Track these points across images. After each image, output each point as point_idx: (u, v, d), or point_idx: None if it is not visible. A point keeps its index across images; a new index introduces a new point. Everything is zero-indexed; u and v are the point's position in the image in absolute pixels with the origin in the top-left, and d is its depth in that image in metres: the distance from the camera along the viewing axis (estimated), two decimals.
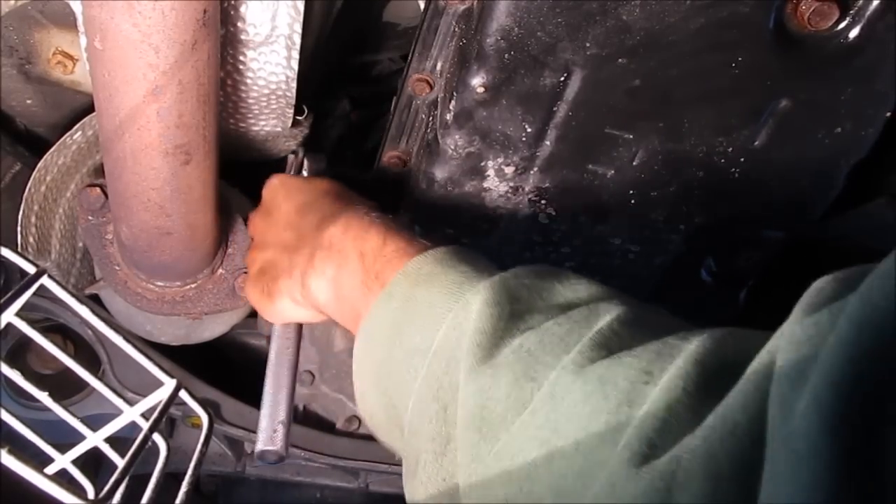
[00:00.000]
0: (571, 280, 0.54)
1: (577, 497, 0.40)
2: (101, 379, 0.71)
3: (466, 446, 0.47)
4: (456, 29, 0.72)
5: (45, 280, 0.66)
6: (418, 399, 0.52)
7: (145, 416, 0.68)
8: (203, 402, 0.73)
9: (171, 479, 0.68)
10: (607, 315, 0.48)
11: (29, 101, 0.98)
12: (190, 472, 0.68)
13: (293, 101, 0.87)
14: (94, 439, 0.69)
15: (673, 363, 0.41)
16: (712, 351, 0.41)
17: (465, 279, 0.55)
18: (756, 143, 0.70)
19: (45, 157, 0.94)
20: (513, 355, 0.47)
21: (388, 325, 0.56)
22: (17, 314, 0.64)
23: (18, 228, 0.97)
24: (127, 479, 0.60)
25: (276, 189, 0.76)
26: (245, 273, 0.95)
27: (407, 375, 0.53)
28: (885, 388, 0.28)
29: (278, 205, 0.73)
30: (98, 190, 0.90)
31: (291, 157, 0.98)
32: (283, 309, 0.70)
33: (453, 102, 0.69)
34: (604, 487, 0.38)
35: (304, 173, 0.91)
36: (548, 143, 0.71)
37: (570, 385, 0.43)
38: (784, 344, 0.34)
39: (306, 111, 0.94)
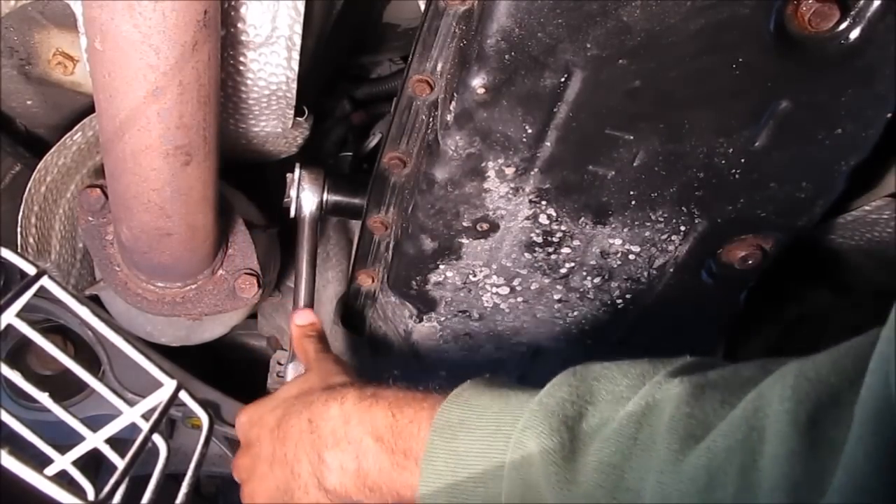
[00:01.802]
0: (603, 372, 0.54)
1: None
2: (101, 380, 0.71)
3: None
4: (456, 30, 0.72)
5: (45, 281, 0.66)
6: None
7: (145, 417, 0.68)
8: (203, 403, 0.73)
9: (171, 481, 0.68)
10: (666, 390, 0.48)
11: (29, 102, 0.98)
12: (190, 473, 0.68)
13: (293, 102, 0.87)
14: (94, 440, 0.68)
15: (770, 430, 0.41)
16: (798, 399, 0.40)
17: (500, 417, 0.54)
18: (756, 144, 0.70)
19: (45, 157, 0.94)
20: (598, 475, 0.47)
21: (444, 489, 0.55)
22: (18, 315, 0.64)
23: (18, 229, 0.97)
24: (127, 480, 0.60)
25: (245, 424, 0.73)
26: (245, 274, 0.95)
27: None
28: None
29: (255, 435, 0.70)
30: (98, 191, 0.90)
31: (289, 175, 0.98)
32: None
33: (454, 103, 0.69)
34: None
35: (288, 377, 0.88)
36: (548, 143, 0.71)
37: (677, 483, 0.43)
38: None
39: (306, 112, 0.94)
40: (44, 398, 0.68)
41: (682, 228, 0.79)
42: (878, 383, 0.36)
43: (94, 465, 1.00)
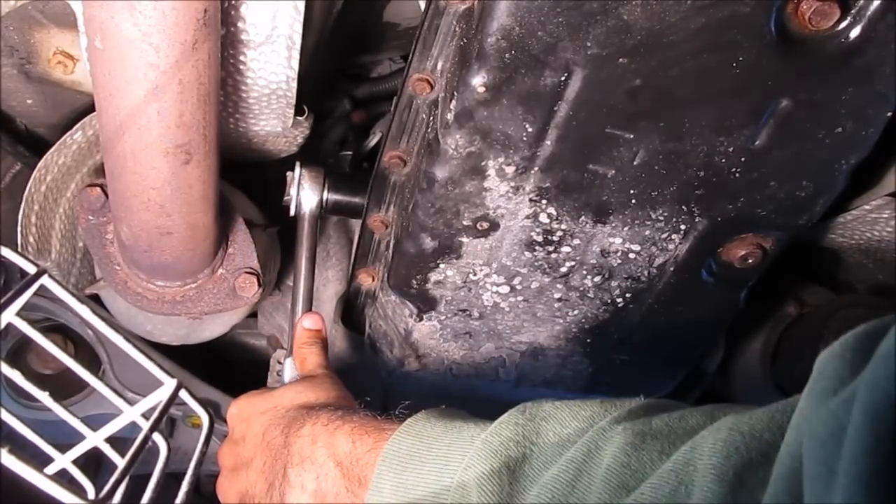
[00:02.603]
0: (552, 411, 0.54)
1: None
2: (101, 379, 0.71)
3: None
4: (456, 29, 0.72)
5: (45, 280, 0.66)
6: None
7: (145, 416, 0.68)
8: (203, 402, 0.73)
9: (171, 479, 0.68)
10: (608, 439, 0.48)
11: (29, 101, 0.98)
12: (190, 471, 0.68)
13: (293, 101, 0.87)
14: (95, 439, 0.68)
15: (697, 486, 0.41)
16: (727, 454, 0.41)
17: (449, 451, 0.55)
18: (756, 143, 0.70)
19: (45, 156, 0.94)
20: None
21: None
22: (18, 314, 0.64)
23: (19, 228, 0.97)
24: (127, 478, 0.60)
25: (235, 417, 0.75)
26: (246, 273, 0.95)
27: None
28: None
29: (242, 432, 0.72)
30: (98, 190, 0.90)
31: (289, 174, 0.98)
32: None
33: (454, 102, 0.69)
34: None
35: (286, 379, 0.88)
36: (548, 142, 0.71)
37: None
38: (807, 442, 0.35)
39: (306, 111, 0.94)
40: (44, 397, 0.68)
41: (683, 227, 0.79)
42: (793, 439, 0.37)
43: (94, 464, 1.00)
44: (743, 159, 0.71)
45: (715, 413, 0.47)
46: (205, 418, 0.72)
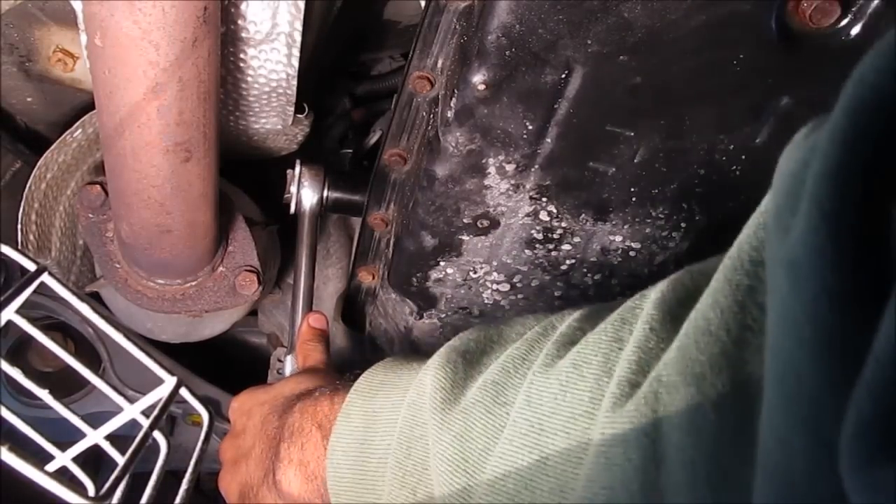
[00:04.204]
0: (518, 319, 0.53)
1: (575, 481, 0.38)
2: (101, 377, 0.71)
3: (455, 495, 0.45)
4: (457, 26, 0.72)
5: (45, 278, 0.66)
6: (390, 496, 0.50)
7: (146, 413, 0.68)
8: (203, 400, 0.73)
9: (171, 478, 0.68)
10: (565, 319, 0.47)
11: (29, 99, 0.98)
12: (190, 470, 0.68)
13: (293, 99, 0.87)
14: (95, 437, 0.69)
15: (639, 319, 0.39)
16: (672, 288, 0.39)
17: (415, 369, 0.54)
18: (757, 140, 0.70)
19: (45, 154, 0.94)
20: (479, 392, 0.46)
21: (354, 444, 0.55)
22: (18, 312, 0.64)
23: (19, 226, 0.97)
24: (127, 476, 0.60)
25: (236, 411, 0.74)
26: (246, 271, 0.95)
27: (378, 483, 0.52)
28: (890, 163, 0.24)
29: (243, 425, 0.71)
30: (98, 187, 0.90)
31: (289, 172, 0.98)
32: None
33: (454, 100, 0.69)
34: (594, 450, 0.36)
35: (287, 368, 0.87)
36: (549, 140, 0.71)
37: (544, 383, 0.42)
38: (768, 202, 0.31)
39: (307, 109, 0.94)
40: (44, 395, 0.68)
41: (683, 225, 0.79)
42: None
43: (94, 461, 1.00)
44: (743, 157, 0.71)
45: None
46: (205, 416, 0.72)
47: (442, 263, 0.85)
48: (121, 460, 0.60)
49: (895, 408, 0.20)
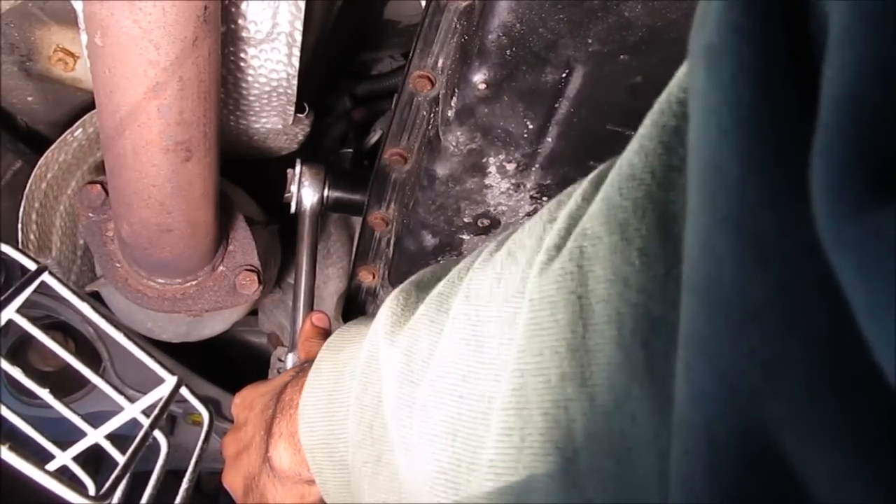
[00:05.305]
0: (473, 252, 0.51)
1: (508, 361, 0.35)
2: (101, 376, 0.71)
3: (400, 409, 0.43)
4: (457, 26, 0.72)
5: (45, 277, 0.65)
6: (354, 440, 0.50)
7: (146, 413, 0.68)
8: (204, 400, 0.73)
9: (171, 477, 0.68)
10: (508, 231, 0.44)
11: (30, 99, 0.98)
12: (191, 469, 0.68)
13: (294, 99, 0.87)
14: (95, 436, 0.68)
15: (572, 196, 0.37)
16: (609, 164, 0.36)
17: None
18: None
19: (45, 154, 0.94)
20: (425, 307, 0.45)
21: (324, 396, 0.54)
22: (18, 311, 0.64)
23: (19, 225, 0.97)
24: (128, 476, 0.60)
25: (238, 406, 0.73)
26: (246, 270, 0.95)
27: (345, 429, 0.51)
28: None
29: (244, 419, 0.71)
30: (99, 187, 0.90)
31: (290, 171, 0.98)
32: None
33: (455, 99, 0.69)
34: (524, 319, 0.34)
35: (287, 368, 0.88)
36: (549, 139, 0.71)
37: (480, 278, 0.40)
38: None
39: (307, 109, 0.94)
40: (44, 394, 0.68)
41: None
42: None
43: (94, 461, 1.00)
44: None
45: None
46: (205, 415, 0.72)
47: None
48: (121, 460, 0.60)
49: (874, 140, 0.17)
